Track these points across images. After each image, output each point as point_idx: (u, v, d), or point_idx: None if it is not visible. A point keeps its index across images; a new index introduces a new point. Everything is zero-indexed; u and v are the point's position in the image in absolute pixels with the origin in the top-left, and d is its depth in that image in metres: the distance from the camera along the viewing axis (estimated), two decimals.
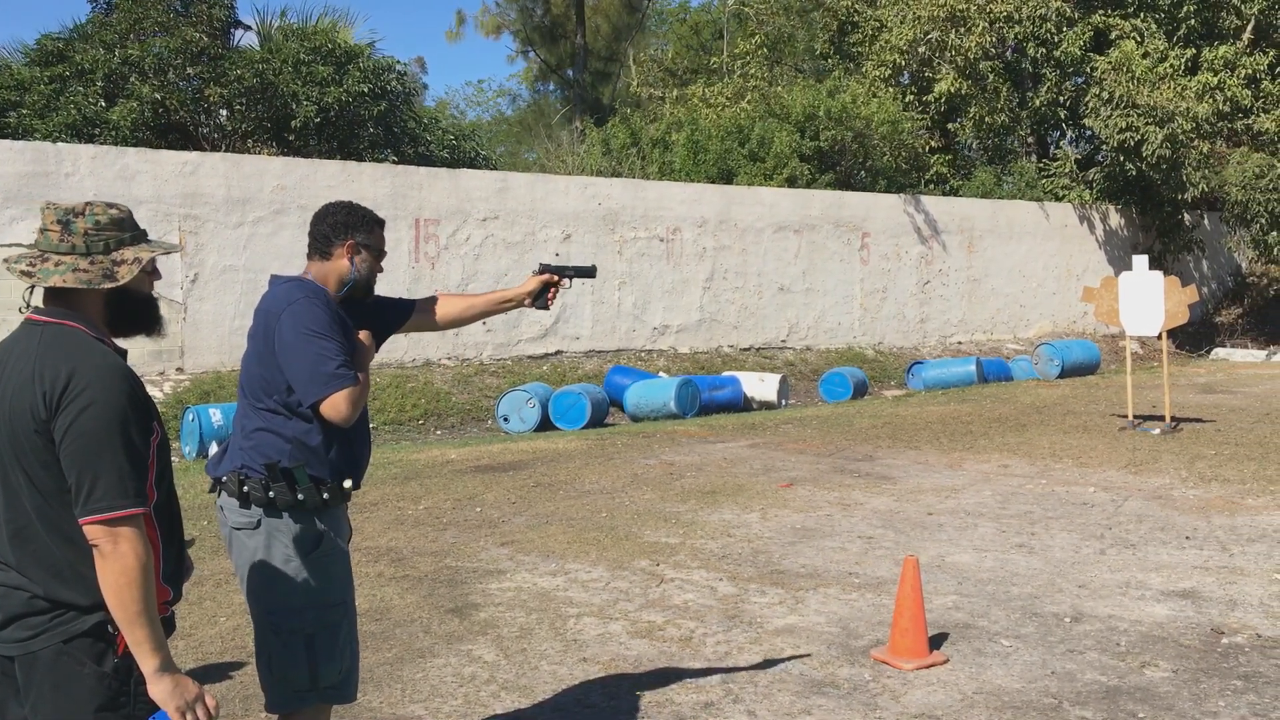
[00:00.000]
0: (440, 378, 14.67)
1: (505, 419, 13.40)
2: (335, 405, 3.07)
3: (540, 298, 3.73)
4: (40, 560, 2.30)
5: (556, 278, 3.74)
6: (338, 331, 3.16)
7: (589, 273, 3.90)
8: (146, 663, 2.28)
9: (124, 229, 2.45)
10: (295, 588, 3.11)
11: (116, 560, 2.24)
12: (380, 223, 3.40)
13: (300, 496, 3.11)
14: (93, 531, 2.24)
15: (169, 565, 2.48)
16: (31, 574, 2.30)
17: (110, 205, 2.46)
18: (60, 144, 13.19)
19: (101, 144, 14.47)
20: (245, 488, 3.09)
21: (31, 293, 2.47)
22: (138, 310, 2.52)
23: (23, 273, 2.38)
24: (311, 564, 3.14)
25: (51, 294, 2.42)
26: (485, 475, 9.35)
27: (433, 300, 3.70)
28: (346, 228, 3.30)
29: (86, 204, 2.44)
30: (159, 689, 2.28)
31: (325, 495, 3.16)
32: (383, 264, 3.44)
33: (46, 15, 58.84)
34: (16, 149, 12.59)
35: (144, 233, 2.52)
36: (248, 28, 18.23)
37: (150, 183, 13.16)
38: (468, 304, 3.73)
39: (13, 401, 2.31)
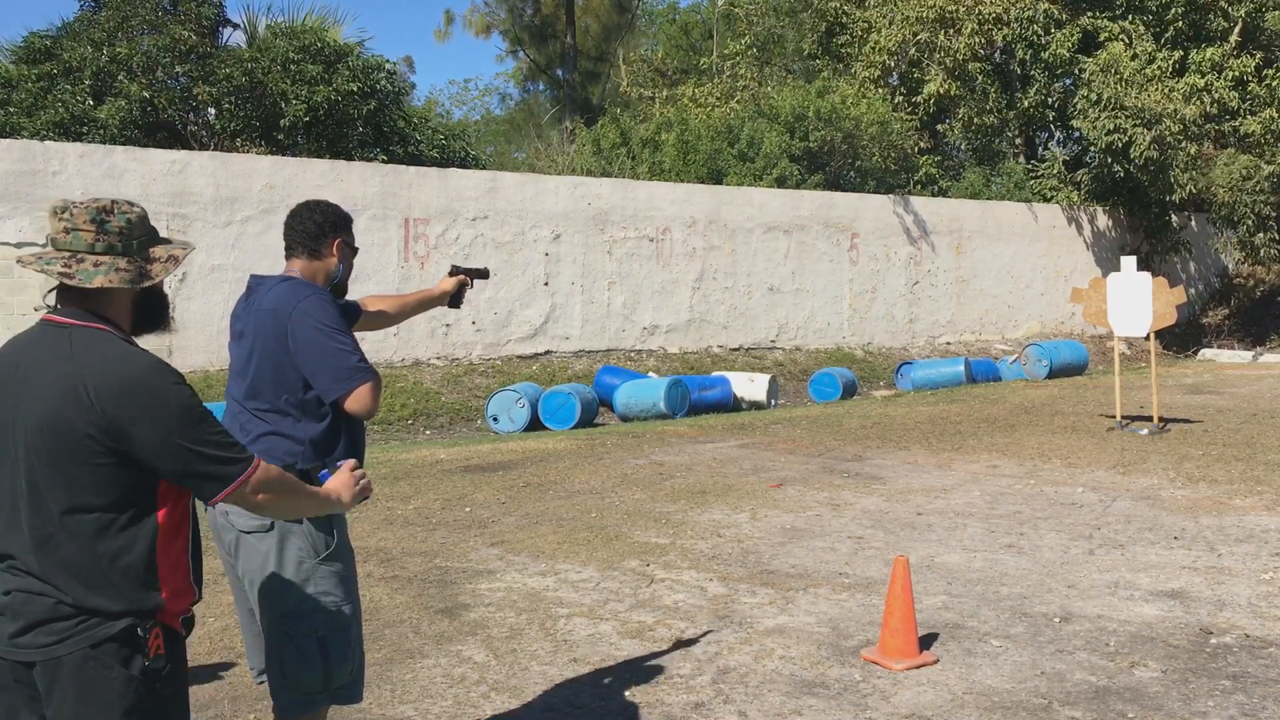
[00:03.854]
0: (429, 377, 14.65)
1: (495, 419, 13.38)
2: (360, 399, 3.12)
3: (457, 298, 4.00)
4: (67, 567, 2.25)
5: (468, 280, 4.01)
6: (348, 327, 3.18)
7: (484, 274, 4.20)
8: (333, 509, 2.70)
9: (147, 227, 2.42)
10: (308, 590, 3.11)
11: (265, 507, 2.47)
12: (352, 220, 3.49)
13: None
14: (233, 502, 2.39)
15: (196, 564, 2.47)
16: (57, 581, 2.25)
17: (131, 203, 2.41)
18: (48, 142, 13.14)
19: (89, 142, 14.41)
20: None
21: (54, 293, 2.39)
22: (159, 308, 2.49)
23: (60, 274, 2.29)
24: (324, 565, 3.15)
25: (72, 293, 2.34)
26: (475, 475, 9.34)
27: (370, 300, 3.84)
28: (335, 226, 3.35)
29: (111, 201, 2.38)
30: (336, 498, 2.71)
31: None
32: (363, 263, 3.51)
33: (34, 13, 58.57)
34: (3, 147, 12.53)
35: (155, 230, 2.49)
36: (236, 26, 18.17)
37: (138, 181, 13.12)
38: (401, 303, 3.91)
39: (47, 410, 2.24)
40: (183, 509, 2.39)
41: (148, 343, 2.51)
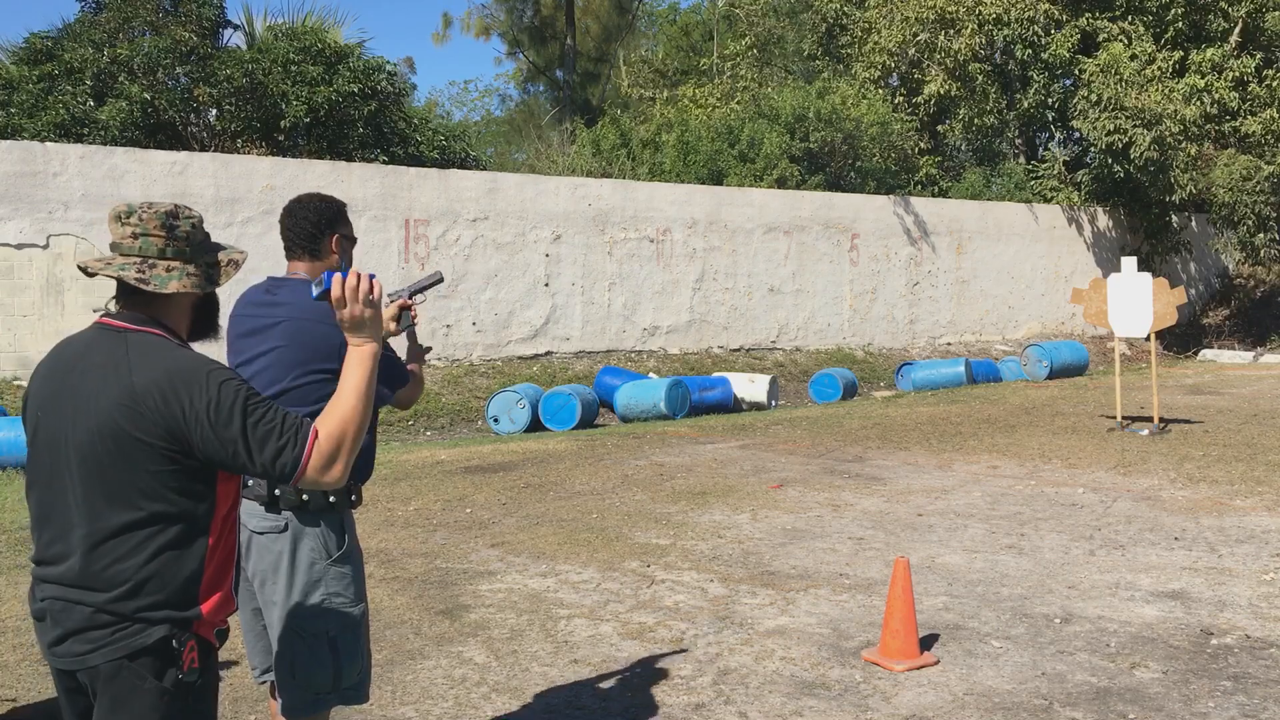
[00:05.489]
0: (430, 378, 14.65)
1: (495, 420, 13.38)
2: (410, 392, 3.32)
3: (404, 323, 3.70)
4: (117, 574, 2.24)
5: (407, 300, 3.67)
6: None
7: (436, 280, 3.77)
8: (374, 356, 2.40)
9: (204, 232, 2.43)
10: (320, 590, 3.13)
11: (351, 454, 2.32)
12: (346, 206, 3.47)
13: (332, 499, 3.14)
14: (308, 484, 2.29)
15: (238, 574, 2.48)
16: (103, 587, 2.24)
17: (190, 208, 2.41)
18: (48, 143, 13.14)
19: (90, 144, 14.41)
20: (277, 491, 3.10)
21: (114, 298, 2.37)
22: (213, 314, 2.49)
23: (136, 279, 2.28)
24: (335, 566, 3.17)
25: (137, 298, 2.34)
26: (475, 476, 9.34)
27: None
28: (330, 223, 3.33)
29: (175, 206, 2.37)
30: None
31: (353, 496, 3.22)
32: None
33: (35, 14, 58.56)
34: (4, 148, 12.53)
35: (209, 235, 2.49)
36: (237, 27, 18.17)
37: (139, 183, 13.12)
38: None
39: (103, 418, 2.23)
40: (230, 518, 2.38)
41: None
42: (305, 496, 3.10)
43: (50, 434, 2.29)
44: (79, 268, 2.40)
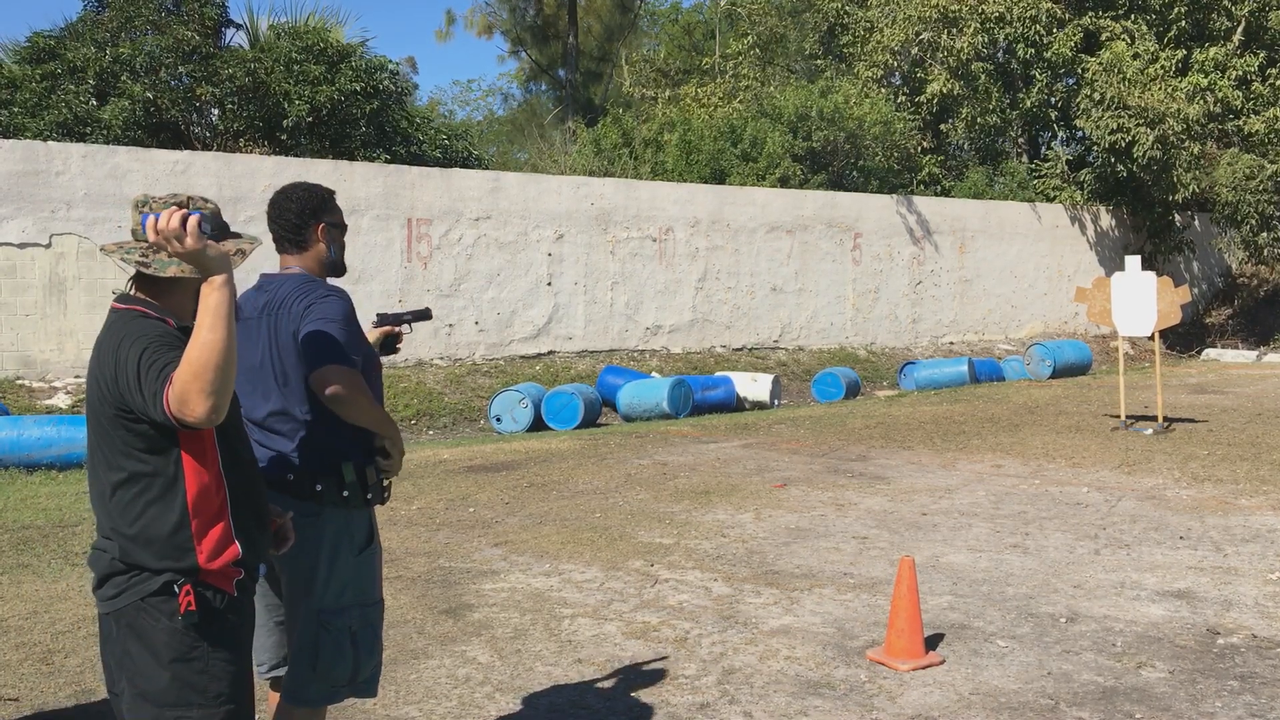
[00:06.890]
0: (432, 377, 14.63)
1: (498, 419, 13.37)
2: (325, 378, 3.16)
3: (387, 347, 3.74)
4: (116, 527, 2.51)
5: (395, 327, 3.72)
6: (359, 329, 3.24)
7: (425, 315, 3.84)
8: (226, 286, 2.41)
9: (219, 222, 2.61)
10: (346, 585, 3.13)
11: (224, 392, 2.37)
12: (333, 193, 3.40)
13: (369, 495, 3.16)
14: (179, 413, 2.36)
15: (243, 522, 2.60)
16: (112, 537, 2.52)
17: (205, 199, 2.60)
18: (51, 143, 13.13)
19: (93, 143, 14.40)
20: (318, 485, 3.09)
21: (131, 282, 2.60)
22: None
23: (138, 263, 2.48)
24: (362, 561, 3.17)
25: (146, 281, 2.56)
26: (478, 475, 9.33)
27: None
28: (314, 212, 3.28)
29: (188, 197, 2.56)
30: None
31: (386, 492, 3.25)
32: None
33: (38, 13, 58.57)
34: (7, 148, 12.52)
35: (227, 225, 2.66)
36: (239, 26, 18.16)
37: (141, 182, 13.11)
38: None
39: (89, 392, 2.54)
40: (214, 472, 2.54)
41: None
42: (346, 493, 3.10)
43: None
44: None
